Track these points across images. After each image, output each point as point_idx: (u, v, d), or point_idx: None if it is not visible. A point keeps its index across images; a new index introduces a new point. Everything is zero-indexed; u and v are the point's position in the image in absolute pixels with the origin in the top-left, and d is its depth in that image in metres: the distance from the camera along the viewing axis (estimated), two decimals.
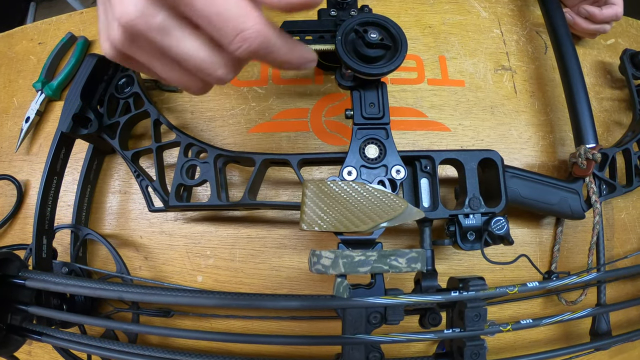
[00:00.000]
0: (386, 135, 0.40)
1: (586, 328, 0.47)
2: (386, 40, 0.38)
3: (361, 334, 0.34)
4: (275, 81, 0.53)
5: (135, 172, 0.45)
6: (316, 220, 0.36)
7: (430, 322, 0.39)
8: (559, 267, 0.49)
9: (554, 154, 0.52)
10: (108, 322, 0.39)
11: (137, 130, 0.51)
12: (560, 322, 0.39)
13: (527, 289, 0.36)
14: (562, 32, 0.51)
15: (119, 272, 0.46)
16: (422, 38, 0.56)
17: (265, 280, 0.48)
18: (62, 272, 0.44)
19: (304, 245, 0.48)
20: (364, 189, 0.36)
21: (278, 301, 0.35)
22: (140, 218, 0.50)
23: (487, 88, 0.54)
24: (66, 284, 0.37)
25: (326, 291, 0.47)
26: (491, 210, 0.41)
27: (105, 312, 0.46)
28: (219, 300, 0.36)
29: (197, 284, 0.48)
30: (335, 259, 0.33)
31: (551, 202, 0.45)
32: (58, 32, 0.58)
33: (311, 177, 0.50)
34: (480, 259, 0.40)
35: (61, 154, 0.44)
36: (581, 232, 0.51)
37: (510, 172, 0.44)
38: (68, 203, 0.50)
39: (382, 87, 0.41)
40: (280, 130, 0.51)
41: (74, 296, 0.44)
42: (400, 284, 0.47)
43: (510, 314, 0.48)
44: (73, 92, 0.43)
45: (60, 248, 0.48)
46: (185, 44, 0.25)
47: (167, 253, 0.49)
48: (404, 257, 0.34)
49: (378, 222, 0.36)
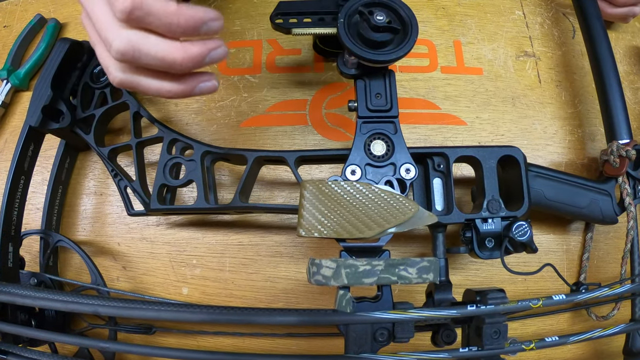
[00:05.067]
0: (394, 129, 0.40)
1: (619, 346, 0.47)
2: (394, 23, 0.38)
3: (366, 352, 0.34)
4: (269, 69, 0.53)
5: (113, 172, 0.45)
6: (316, 225, 0.36)
7: (444, 339, 0.39)
8: (589, 278, 0.49)
9: (583, 151, 0.52)
10: (82, 340, 0.39)
11: (114, 124, 0.51)
12: (590, 340, 0.39)
13: (553, 303, 0.36)
14: (592, 14, 0.50)
15: (94, 283, 0.45)
16: (434, 20, 0.56)
17: (258, 293, 0.48)
18: (30, 283, 0.44)
19: (302, 254, 0.48)
20: (369, 190, 0.36)
21: (273, 316, 0.35)
22: (118, 223, 0.50)
23: (508, 77, 0.54)
24: (35, 297, 0.37)
25: (327, 305, 0.47)
26: (512, 214, 0.41)
27: (79, 329, 0.46)
28: (207, 315, 0.36)
29: (182, 296, 0.48)
30: (337, 268, 0.33)
31: (580, 204, 0.45)
32: (25, 13, 0.58)
33: (310, 177, 0.50)
34: (500, 268, 0.40)
35: (29, 151, 0.44)
36: (613, 239, 0.51)
37: (533, 171, 0.43)
38: (37, 206, 0.50)
39: (389, 76, 0.41)
40: (276, 124, 0.51)
41: (43, 310, 0.44)
42: (410, 297, 0.47)
43: (533, 331, 0.48)
44: (42, 81, 0.43)
45: (28, 256, 0.48)
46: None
47: (149, 262, 0.48)
48: (415, 267, 0.34)
49: (385, 228, 0.36)
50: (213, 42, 0.32)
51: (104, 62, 0.33)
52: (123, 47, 0.30)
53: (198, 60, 0.32)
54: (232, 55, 0.54)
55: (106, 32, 0.31)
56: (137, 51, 0.31)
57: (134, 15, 0.29)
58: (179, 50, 0.31)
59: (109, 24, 0.31)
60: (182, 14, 0.30)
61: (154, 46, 0.31)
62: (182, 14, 0.30)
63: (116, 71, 0.33)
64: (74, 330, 0.47)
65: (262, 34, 0.54)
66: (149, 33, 0.31)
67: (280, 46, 0.54)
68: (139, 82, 0.33)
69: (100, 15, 0.31)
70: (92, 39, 0.34)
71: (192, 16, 0.30)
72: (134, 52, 0.31)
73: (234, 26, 0.55)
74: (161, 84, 0.33)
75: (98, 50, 0.34)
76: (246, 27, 0.55)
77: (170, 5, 0.30)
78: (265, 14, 0.55)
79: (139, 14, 0.29)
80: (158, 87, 0.33)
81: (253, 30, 0.55)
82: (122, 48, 0.30)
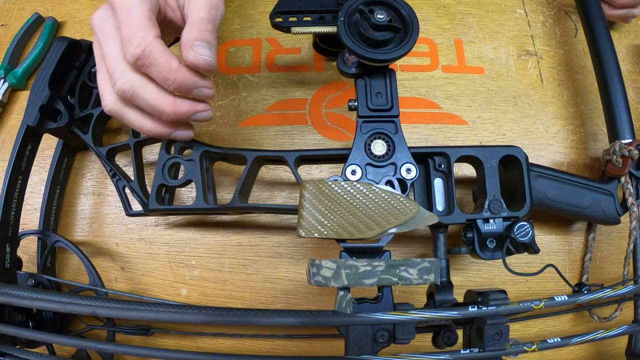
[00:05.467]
0: (395, 129, 0.40)
1: (622, 348, 0.47)
2: (395, 21, 0.38)
3: (367, 354, 0.34)
4: (269, 68, 0.53)
5: (111, 171, 0.45)
6: (316, 225, 0.36)
7: (445, 341, 0.39)
8: (591, 279, 0.49)
9: (585, 151, 0.52)
10: (80, 341, 0.39)
11: (112, 123, 0.51)
12: (592, 341, 0.39)
13: (555, 304, 0.36)
14: (595, 12, 0.50)
15: (92, 284, 0.45)
16: (435, 19, 0.56)
17: (257, 294, 0.48)
18: (28, 284, 0.44)
19: (301, 254, 0.48)
20: (369, 190, 0.36)
21: (272, 317, 0.35)
22: (116, 223, 0.50)
23: (510, 76, 0.54)
24: (32, 298, 0.37)
25: (327, 306, 0.47)
26: (514, 214, 0.41)
27: (77, 330, 0.46)
28: (206, 316, 0.36)
29: (180, 297, 0.48)
30: (337, 269, 0.33)
31: (582, 205, 0.45)
32: (23, 12, 0.58)
33: (310, 177, 0.50)
34: (502, 269, 0.40)
35: (27, 151, 0.44)
36: (616, 239, 0.51)
37: (535, 171, 0.44)
38: (34, 206, 0.50)
39: (390, 75, 0.41)
40: (275, 124, 0.51)
41: (41, 312, 0.44)
42: (411, 298, 0.47)
43: (535, 332, 0.48)
44: (40, 80, 0.43)
45: (26, 257, 0.48)
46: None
47: (147, 263, 0.49)
48: (415, 268, 0.34)
49: (386, 228, 0.36)
50: (202, 105, 0.37)
51: (102, 88, 0.37)
52: (125, 87, 0.34)
53: (184, 117, 0.36)
54: (232, 54, 0.54)
55: (113, 69, 0.35)
56: (135, 94, 0.35)
57: (141, 62, 0.33)
58: (170, 104, 0.35)
59: (117, 62, 0.35)
60: (180, 73, 0.34)
61: (150, 94, 0.35)
62: (180, 73, 0.34)
63: (110, 100, 0.36)
64: (72, 332, 0.47)
65: (261, 33, 0.54)
66: (149, 80, 0.35)
67: (280, 45, 0.54)
68: (127, 115, 0.37)
69: (111, 51, 0.35)
70: (98, 65, 0.37)
71: (189, 78, 0.35)
72: (132, 94, 0.35)
73: (234, 25, 0.55)
74: (144, 122, 0.37)
75: (100, 77, 0.37)
76: (245, 25, 0.55)
77: (172, 63, 0.34)
78: (264, 12, 0.55)
79: (145, 61, 0.33)
80: (141, 124, 0.37)
81: (252, 29, 0.55)
82: (124, 88, 0.34)
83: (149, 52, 0.33)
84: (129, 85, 0.34)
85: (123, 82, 0.34)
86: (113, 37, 0.35)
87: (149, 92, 0.35)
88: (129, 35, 0.33)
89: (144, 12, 0.34)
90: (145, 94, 0.35)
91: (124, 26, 0.33)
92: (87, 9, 0.57)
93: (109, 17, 0.35)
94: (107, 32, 0.35)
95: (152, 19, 0.34)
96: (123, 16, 0.34)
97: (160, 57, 0.33)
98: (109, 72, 0.35)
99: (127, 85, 0.34)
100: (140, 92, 0.35)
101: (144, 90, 0.35)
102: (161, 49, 0.33)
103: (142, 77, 0.35)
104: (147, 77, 0.35)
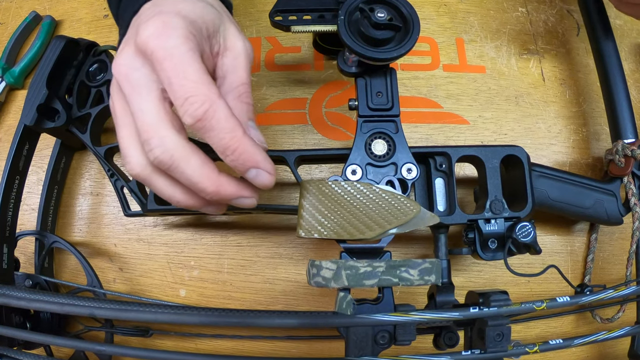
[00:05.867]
0: (396, 128, 0.40)
1: (624, 349, 0.47)
2: (395, 20, 0.38)
3: (367, 355, 0.34)
4: (268, 67, 0.53)
5: (109, 171, 0.45)
6: (316, 226, 0.36)
7: (446, 342, 0.39)
8: (593, 280, 0.49)
9: (588, 151, 0.52)
10: (78, 343, 0.39)
11: (111, 123, 0.51)
12: (594, 343, 0.39)
13: (557, 305, 0.36)
14: (597, 11, 0.50)
15: (90, 285, 0.45)
16: (436, 18, 0.56)
17: (257, 295, 0.48)
18: (25, 285, 0.44)
19: (301, 255, 0.48)
20: (370, 191, 0.36)
21: (272, 319, 0.35)
22: (114, 223, 0.50)
23: (511, 75, 0.54)
24: (30, 299, 0.37)
25: (327, 307, 0.47)
26: (516, 214, 0.41)
27: (75, 331, 0.46)
28: (205, 317, 0.36)
29: (179, 298, 0.48)
30: (337, 270, 0.33)
31: (584, 205, 0.45)
32: (20, 10, 0.58)
33: (310, 177, 0.50)
34: (504, 270, 0.40)
35: (24, 151, 0.44)
36: (618, 240, 0.51)
37: (537, 171, 0.44)
38: (32, 206, 0.50)
39: (391, 74, 0.41)
40: (275, 123, 0.51)
41: (38, 313, 0.44)
42: (412, 299, 0.47)
43: (537, 333, 0.48)
44: (38, 79, 0.43)
45: (23, 258, 0.48)
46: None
47: (146, 264, 0.49)
48: (416, 269, 0.34)
49: (386, 229, 0.36)
50: (248, 190, 0.32)
51: (126, 149, 0.31)
52: (163, 158, 0.29)
53: (225, 199, 0.31)
54: None
55: (149, 134, 0.29)
56: (175, 167, 0.29)
57: (200, 124, 0.28)
58: (212, 182, 0.30)
59: (155, 125, 0.29)
60: (244, 144, 0.29)
61: (191, 169, 0.29)
62: (244, 144, 0.29)
63: (137, 166, 0.31)
64: (70, 333, 0.47)
65: (261, 31, 0.54)
66: (194, 151, 0.30)
67: (279, 44, 0.54)
68: (155, 183, 0.31)
69: (146, 110, 0.29)
70: (120, 120, 0.31)
71: (253, 152, 0.30)
72: (170, 166, 0.29)
73: None
74: (174, 192, 0.32)
75: (124, 133, 0.31)
76: (245, 24, 0.55)
77: (238, 130, 0.29)
78: (264, 10, 0.55)
79: (205, 124, 0.28)
80: (170, 194, 0.32)
81: (252, 28, 0.55)
82: (162, 158, 0.29)
83: (212, 113, 0.28)
84: (168, 155, 0.29)
85: (162, 151, 0.29)
86: (149, 93, 0.29)
87: (192, 166, 0.29)
88: (187, 93, 0.28)
89: (199, 65, 0.29)
90: (187, 167, 0.29)
91: (176, 82, 0.28)
92: (85, 8, 0.57)
93: (141, 66, 0.30)
94: (140, 85, 0.30)
95: (208, 73, 0.29)
96: (171, 69, 0.28)
97: (226, 121, 0.28)
98: (142, 134, 0.29)
99: (167, 156, 0.29)
100: (181, 164, 0.29)
101: (186, 163, 0.29)
102: (226, 112, 0.29)
103: (185, 147, 0.29)
104: (192, 146, 0.30)
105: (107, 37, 0.55)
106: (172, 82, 0.28)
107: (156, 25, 0.29)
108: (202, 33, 0.31)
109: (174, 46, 0.29)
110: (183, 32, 0.29)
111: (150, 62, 0.29)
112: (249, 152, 0.30)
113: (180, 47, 0.29)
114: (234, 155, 0.29)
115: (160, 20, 0.29)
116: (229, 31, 0.34)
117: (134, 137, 0.31)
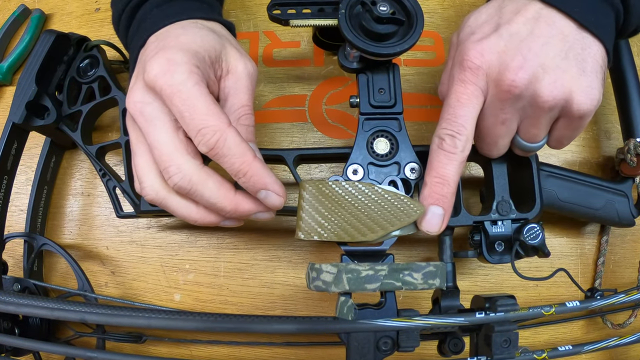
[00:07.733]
0: (399, 127, 0.40)
1: (637, 356, 0.47)
2: (398, 14, 0.38)
3: None
4: (266, 62, 0.53)
5: (101, 171, 0.45)
6: (315, 227, 0.36)
7: (451, 348, 0.39)
8: (604, 284, 0.49)
9: (598, 150, 0.52)
10: (68, 349, 0.39)
11: (102, 120, 0.51)
12: (605, 349, 0.39)
13: (566, 310, 0.36)
14: None
15: (81, 289, 0.45)
16: (441, 11, 0.56)
17: (255, 299, 0.48)
18: (14, 289, 0.44)
19: (300, 258, 0.48)
20: (372, 191, 0.36)
21: (270, 324, 0.35)
22: (106, 225, 0.50)
23: None
24: (18, 304, 0.37)
25: (327, 312, 0.47)
26: (523, 216, 0.41)
27: (65, 337, 0.46)
28: (201, 322, 0.36)
29: (174, 303, 0.48)
30: (338, 274, 0.33)
31: (595, 206, 0.45)
32: (8, 4, 0.58)
33: (310, 177, 0.50)
34: (511, 274, 0.40)
35: (12, 149, 0.44)
36: (630, 242, 0.51)
37: (546, 171, 0.44)
38: (20, 208, 0.50)
39: (393, 70, 0.41)
40: (273, 121, 0.51)
41: (27, 318, 0.44)
42: (416, 304, 0.47)
43: (546, 339, 0.48)
44: (26, 75, 0.43)
45: (12, 261, 0.48)
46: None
47: (139, 267, 0.49)
48: (420, 272, 0.34)
49: (389, 230, 0.36)
50: (264, 206, 0.35)
51: (141, 175, 0.35)
52: (182, 184, 0.33)
53: (243, 216, 0.35)
54: None
55: (168, 163, 0.33)
56: (193, 190, 0.33)
57: (214, 152, 0.32)
58: (231, 202, 0.34)
59: (172, 154, 0.33)
60: (254, 167, 0.33)
61: (210, 190, 0.33)
62: (254, 167, 0.33)
63: (152, 191, 0.35)
64: (60, 339, 0.47)
65: (258, 26, 0.54)
66: (210, 175, 0.33)
67: (278, 38, 0.54)
68: (170, 204, 0.35)
69: (162, 141, 0.33)
70: (136, 149, 0.35)
71: (263, 174, 0.33)
72: (189, 190, 0.33)
73: (230, 17, 0.55)
74: (189, 211, 0.35)
75: (139, 161, 0.35)
76: (242, 18, 0.55)
77: (248, 155, 0.33)
78: (262, 4, 0.55)
79: (218, 152, 0.32)
80: (186, 213, 0.35)
81: (249, 22, 0.55)
82: (181, 184, 0.33)
83: (223, 142, 0.32)
84: (187, 181, 0.33)
85: (180, 177, 0.33)
86: (163, 124, 0.33)
87: (209, 188, 0.33)
88: (199, 125, 0.31)
89: (206, 97, 0.32)
90: (205, 190, 0.33)
91: (187, 116, 0.32)
92: (75, 1, 0.57)
93: (152, 101, 0.33)
94: (154, 117, 0.33)
95: (215, 102, 0.33)
96: (181, 104, 0.32)
97: (236, 148, 0.32)
98: (160, 164, 0.33)
99: (185, 182, 0.33)
100: (199, 188, 0.33)
101: (204, 187, 0.33)
102: (236, 139, 0.32)
103: (202, 171, 0.33)
104: (208, 170, 0.34)
105: (98, 31, 0.55)
106: (183, 115, 0.32)
107: (161, 63, 0.32)
108: (205, 62, 0.35)
109: (181, 82, 0.32)
110: (187, 67, 0.32)
111: (161, 97, 0.33)
112: (258, 175, 0.33)
113: (187, 82, 0.32)
114: (245, 178, 0.33)
115: (165, 57, 0.32)
116: (230, 55, 0.37)
117: (149, 165, 0.34)
